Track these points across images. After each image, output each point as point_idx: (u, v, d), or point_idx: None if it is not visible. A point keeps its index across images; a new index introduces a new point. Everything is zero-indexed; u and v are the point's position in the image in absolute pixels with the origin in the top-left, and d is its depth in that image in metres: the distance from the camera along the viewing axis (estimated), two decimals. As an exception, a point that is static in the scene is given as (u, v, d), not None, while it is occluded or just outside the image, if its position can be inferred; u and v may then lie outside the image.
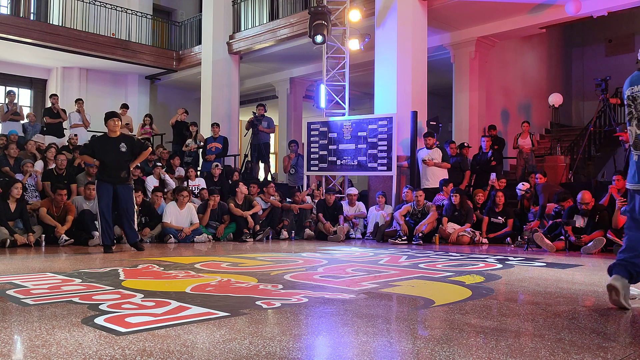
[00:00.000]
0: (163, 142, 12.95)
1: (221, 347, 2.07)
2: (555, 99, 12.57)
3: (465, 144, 9.77)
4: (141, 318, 2.54)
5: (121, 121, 6.39)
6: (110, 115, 6.13)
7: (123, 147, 6.06)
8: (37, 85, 14.84)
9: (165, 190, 8.37)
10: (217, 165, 9.87)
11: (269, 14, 13.25)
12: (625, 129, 3.14)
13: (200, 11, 14.27)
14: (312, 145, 9.80)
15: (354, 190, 9.11)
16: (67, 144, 10.21)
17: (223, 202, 8.34)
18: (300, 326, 2.46)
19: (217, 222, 8.13)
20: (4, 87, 13.97)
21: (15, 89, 13.13)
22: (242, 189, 8.24)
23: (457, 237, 7.57)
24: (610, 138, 10.78)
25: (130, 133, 11.41)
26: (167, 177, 8.84)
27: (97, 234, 6.89)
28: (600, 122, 11.34)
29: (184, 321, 2.49)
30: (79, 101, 11.42)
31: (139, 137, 11.93)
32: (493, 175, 8.40)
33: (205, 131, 11.99)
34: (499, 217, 7.84)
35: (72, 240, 6.81)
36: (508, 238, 7.59)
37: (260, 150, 11.01)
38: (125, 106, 11.54)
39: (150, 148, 6.60)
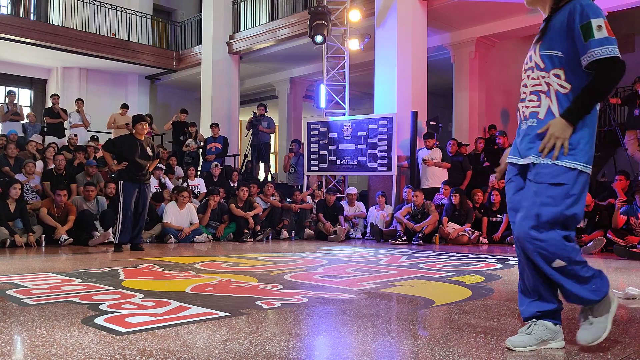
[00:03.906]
0: (163, 142, 12.95)
1: (221, 347, 2.07)
2: (555, 99, 12.54)
3: (463, 143, 9.78)
4: (141, 318, 2.54)
5: (148, 124, 6.56)
6: (139, 119, 6.36)
7: (149, 151, 6.30)
8: (37, 85, 14.84)
9: (164, 190, 8.38)
10: (216, 165, 9.88)
11: (269, 14, 13.25)
12: None
13: (200, 11, 14.27)
14: (312, 145, 9.80)
15: (353, 190, 9.11)
16: (67, 144, 10.21)
17: (223, 202, 8.34)
18: (300, 326, 2.46)
19: (217, 222, 8.13)
20: (4, 87, 13.97)
21: (15, 89, 13.13)
22: (241, 195, 8.22)
23: (456, 236, 7.58)
24: (610, 138, 10.78)
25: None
26: (167, 180, 8.86)
27: (97, 234, 6.92)
28: (600, 122, 11.32)
29: (184, 321, 2.49)
30: (78, 101, 11.43)
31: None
32: (492, 177, 8.41)
33: (205, 131, 11.99)
34: (498, 215, 7.89)
35: (72, 239, 6.81)
36: (508, 238, 7.60)
37: (260, 150, 11.01)
38: (125, 106, 11.55)
39: (159, 158, 6.83)
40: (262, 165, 11.39)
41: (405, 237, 7.69)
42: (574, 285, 2.04)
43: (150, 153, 6.31)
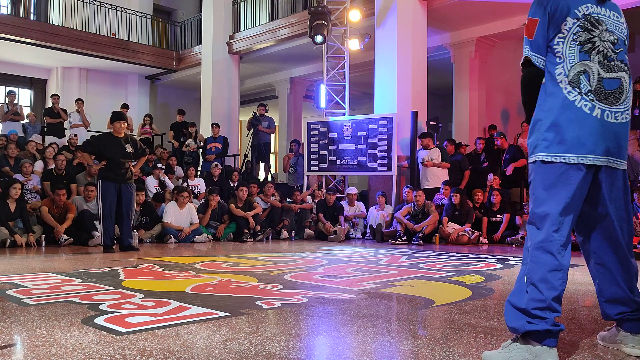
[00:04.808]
0: (163, 142, 12.95)
1: (221, 347, 2.07)
2: (555, 99, 12.51)
3: (462, 143, 9.78)
4: (141, 318, 2.54)
5: (127, 122, 6.45)
6: (118, 117, 6.25)
7: (129, 148, 6.17)
8: (37, 85, 14.83)
9: (165, 190, 8.40)
10: (216, 165, 9.88)
11: (269, 14, 13.25)
12: None
13: (200, 11, 14.27)
14: (312, 145, 9.79)
15: (353, 190, 9.10)
16: (67, 144, 10.21)
17: (223, 202, 8.34)
18: (300, 326, 2.46)
19: (217, 222, 8.13)
20: (4, 87, 13.97)
21: (15, 89, 13.13)
22: (240, 195, 8.22)
23: (456, 236, 7.58)
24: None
25: (130, 133, 11.43)
26: (166, 179, 8.86)
27: (97, 234, 6.90)
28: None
29: (184, 321, 2.49)
30: (78, 101, 11.43)
31: (139, 138, 11.97)
32: (490, 176, 8.42)
33: (205, 131, 11.99)
34: (498, 215, 7.89)
35: (72, 239, 6.81)
36: (508, 238, 7.59)
37: (260, 150, 11.01)
38: (125, 106, 11.55)
39: (147, 155, 6.75)
40: (262, 165, 11.39)
41: (405, 237, 7.69)
42: (511, 300, 1.94)
43: (129, 150, 6.15)
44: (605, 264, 2.02)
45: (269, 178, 11.37)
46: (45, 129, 10.99)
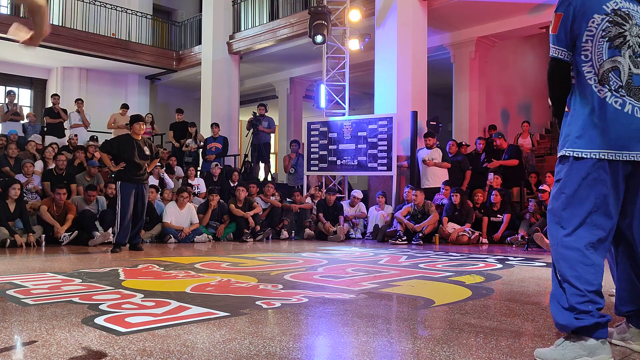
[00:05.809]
0: (163, 142, 12.95)
1: (221, 347, 2.07)
2: (555, 99, 12.51)
3: (463, 143, 9.78)
4: (141, 318, 2.54)
5: (145, 125, 6.59)
6: (136, 119, 6.37)
7: (147, 150, 6.30)
8: (37, 85, 14.83)
9: (165, 190, 8.38)
10: (216, 165, 9.88)
11: (269, 14, 13.25)
12: None
13: (200, 11, 14.27)
14: (312, 145, 9.79)
15: (359, 194, 9.06)
16: (67, 144, 10.21)
17: (223, 202, 8.34)
18: (300, 326, 2.46)
19: (217, 222, 8.13)
20: (4, 87, 13.96)
21: (15, 89, 13.13)
22: (240, 194, 8.22)
23: (456, 236, 7.58)
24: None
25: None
26: (166, 176, 8.86)
27: (97, 234, 6.91)
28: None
29: (184, 321, 2.49)
30: (78, 101, 11.42)
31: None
32: (491, 175, 8.42)
33: (205, 131, 11.99)
34: (498, 215, 7.88)
35: (77, 232, 6.82)
36: (509, 238, 7.59)
37: (260, 150, 11.01)
38: (125, 106, 11.55)
39: (159, 157, 7.01)
40: (262, 165, 11.39)
41: (405, 237, 7.69)
42: (553, 302, 1.95)
43: (147, 152, 6.30)
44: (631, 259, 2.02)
45: (269, 178, 11.37)
46: (45, 129, 10.99)
